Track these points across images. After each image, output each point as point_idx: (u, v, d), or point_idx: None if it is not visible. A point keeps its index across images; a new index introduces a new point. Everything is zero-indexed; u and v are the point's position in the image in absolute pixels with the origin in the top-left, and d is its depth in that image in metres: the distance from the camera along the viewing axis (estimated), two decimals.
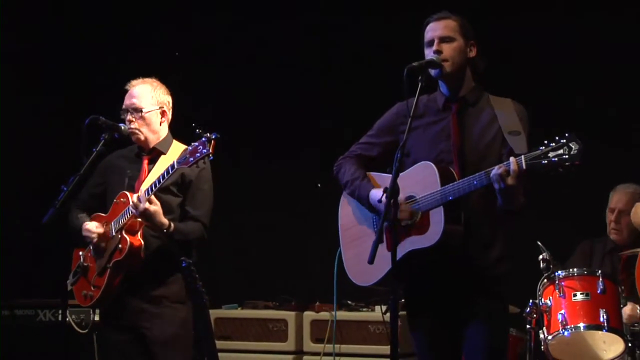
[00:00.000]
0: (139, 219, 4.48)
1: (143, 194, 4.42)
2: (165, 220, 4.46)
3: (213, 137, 4.20)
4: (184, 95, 4.90)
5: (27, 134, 6.96)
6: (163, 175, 4.38)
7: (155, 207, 4.42)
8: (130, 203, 4.46)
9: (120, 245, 4.49)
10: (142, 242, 4.51)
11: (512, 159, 3.58)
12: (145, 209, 4.40)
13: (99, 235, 4.57)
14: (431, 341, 3.91)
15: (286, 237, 6.92)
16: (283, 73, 7.01)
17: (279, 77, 7.01)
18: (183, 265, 4.27)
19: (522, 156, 3.56)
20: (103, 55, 7.11)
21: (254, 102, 7.10)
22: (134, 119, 4.64)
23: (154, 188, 4.42)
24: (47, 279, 5.47)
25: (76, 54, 7.12)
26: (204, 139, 4.21)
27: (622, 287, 5.04)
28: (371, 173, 4.04)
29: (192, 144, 4.27)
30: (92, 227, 4.61)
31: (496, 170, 3.58)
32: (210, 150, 4.18)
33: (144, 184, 4.58)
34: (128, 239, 4.48)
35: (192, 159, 4.24)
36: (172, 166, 4.33)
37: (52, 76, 7.10)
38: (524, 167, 3.54)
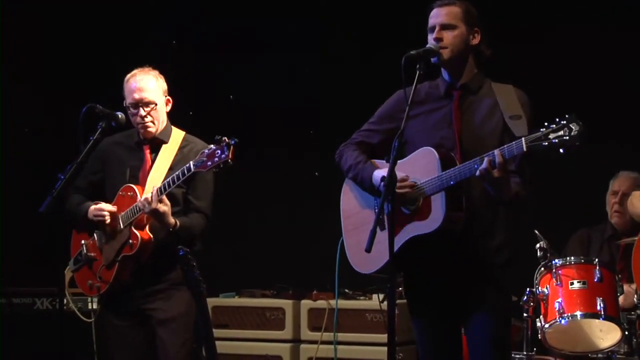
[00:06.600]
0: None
1: (155, 194, 4.40)
2: (172, 220, 4.46)
3: (232, 142, 4.20)
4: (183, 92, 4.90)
5: (24, 122, 6.95)
6: (178, 176, 4.37)
7: (165, 207, 4.41)
8: (140, 200, 4.44)
9: (131, 241, 4.48)
10: (152, 236, 4.51)
11: (496, 151, 3.58)
12: (156, 209, 4.39)
13: (111, 213, 4.55)
14: (432, 331, 3.91)
15: (284, 226, 6.92)
16: (282, 69, 7.02)
17: (278, 73, 7.02)
18: (180, 253, 4.27)
19: (522, 138, 3.54)
20: (100, 44, 7.09)
21: (251, 89, 7.10)
22: (147, 113, 4.60)
23: (167, 188, 4.41)
24: (44, 267, 5.46)
25: (72, 43, 7.10)
26: (223, 144, 4.20)
27: (620, 276, 5.04)
28: (374, 160, 4.02)
29: (210, 146, 4.27)
30: (105, 206, 4.59)
31: (484, 165, 3.57)
32: (230, 156, 4.19)
33: (150, 175, 4.57)
34: (139, 234, 4.48)
35: (209, 162, 4.24)
36: (189, 169, 4.33)
37: (49, 64, 7.08)
38: (525, 149, 3.53)
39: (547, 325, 4.88)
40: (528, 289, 5.01)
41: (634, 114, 6.07)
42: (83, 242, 4.70)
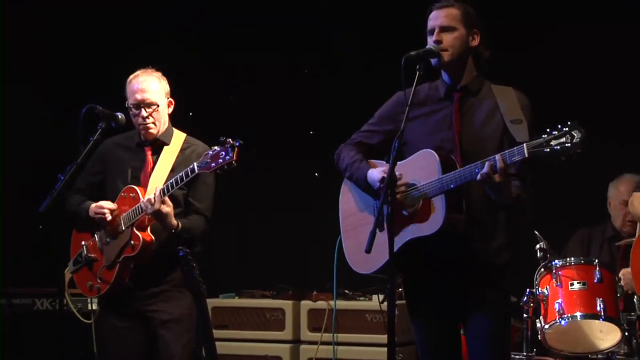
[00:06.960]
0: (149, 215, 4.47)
1: (158, 195, 4.39)
2: (175, 222, 4.45)
3: (237, 144, 4.18)
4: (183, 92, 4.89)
5: (24, 122, 6.95)
6: (181, 177, 4.36)
7: (168, 208, 4.40)
8: (143, 201, 4.44)
9: (132, 242, 4.48)
10: (153, 237, 4.51)
11: (497, 156, 3.58)
12: (158, 210, 4.39)
13: (112, 211, 4.54)
14: (431, 331, 3.91)
15: (283, 226, 6.92)
16: (282, 69, 7.01)
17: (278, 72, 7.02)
18: (180, 254, 4.27)
19: (524, 144, 3.54)
20: (100, 44, 7.09)
21: (251, 89, 7.11)
22: (148, 114, 4.58)
23: (170, 189, 4.40)
24: (44, 268, 5.46)
25: (72, 43, 7.10)
26: (227, 145, 4.18)
27: (620, 276, 5.05)
28: (372, 160, 4.02)
29: (213, 148, 4.25)
30: (105, 203, 4.57)
31: (485, 169, 3.57)
32: (234, 157, 4.17)
33: (152, 177, 4.56)
34: (140, 235, 4.47)
35: (213, 164, 4.22)
36: (193, 170, 4.31)
37: (49, 65, 7.08)
38: (526, 155, 3.52)
39: (547, 326, 4.88)
40: (528, 290, 5.01)
41: (634, 114, 6.07)
42: (83, 243, 4.69)
